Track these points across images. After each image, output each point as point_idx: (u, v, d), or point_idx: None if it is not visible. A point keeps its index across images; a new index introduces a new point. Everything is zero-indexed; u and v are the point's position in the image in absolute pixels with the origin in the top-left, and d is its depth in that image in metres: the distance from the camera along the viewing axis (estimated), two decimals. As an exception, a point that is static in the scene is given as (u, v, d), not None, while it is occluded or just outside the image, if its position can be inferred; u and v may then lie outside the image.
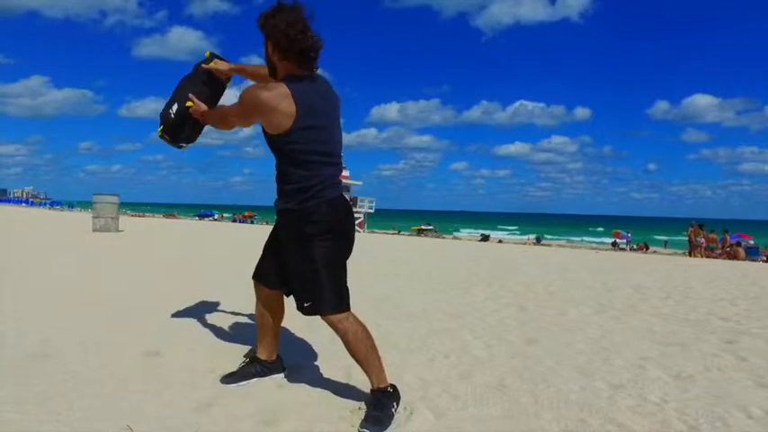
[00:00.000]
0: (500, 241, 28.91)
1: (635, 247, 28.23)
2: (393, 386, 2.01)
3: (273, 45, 1.87)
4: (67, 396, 2.02)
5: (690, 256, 17.90)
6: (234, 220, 40.55)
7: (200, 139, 2.40)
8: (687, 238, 19.42)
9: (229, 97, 2.40)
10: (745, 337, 3.45)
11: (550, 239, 36.66)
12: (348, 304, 1.96)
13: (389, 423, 1.87)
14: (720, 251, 18.05)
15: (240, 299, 4.10)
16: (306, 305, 1.93)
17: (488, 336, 3.28)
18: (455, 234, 41.58)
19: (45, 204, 66.22)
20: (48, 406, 1.92)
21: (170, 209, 68.24)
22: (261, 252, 2.20)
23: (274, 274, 2.10)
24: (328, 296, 1.90)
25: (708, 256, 17.16)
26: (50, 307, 3.57)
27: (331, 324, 1.92)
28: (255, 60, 2.39)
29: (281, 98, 1.81)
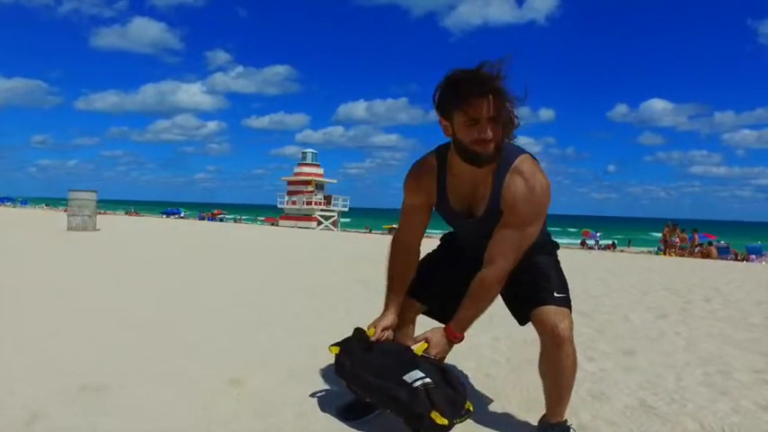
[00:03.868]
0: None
1: (603, 246, 28.89)
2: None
3: (513, 105, 1.53)
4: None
5: (664, 254, 18.46)
6: (202, 218, 39.22)
7: (163, 135, 1.82)
8: (662, 237, 20.07)
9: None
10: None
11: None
12: None
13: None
14: (690, 250, 18.73)
15: (296, 308, 3.69)
16: (558, 295, 1.67)
17: (580, 346, 3.01)
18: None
19: (-7, 201, 62.24)
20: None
21: (129, 206, 65.38)
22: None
23: (439, 299, 1.87)
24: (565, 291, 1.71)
25: (680, 255, 17.80)
26: (78, 325, 3.07)
27: (562, 341, 1.58)
28: (222, 55, 1.94)
29: None
